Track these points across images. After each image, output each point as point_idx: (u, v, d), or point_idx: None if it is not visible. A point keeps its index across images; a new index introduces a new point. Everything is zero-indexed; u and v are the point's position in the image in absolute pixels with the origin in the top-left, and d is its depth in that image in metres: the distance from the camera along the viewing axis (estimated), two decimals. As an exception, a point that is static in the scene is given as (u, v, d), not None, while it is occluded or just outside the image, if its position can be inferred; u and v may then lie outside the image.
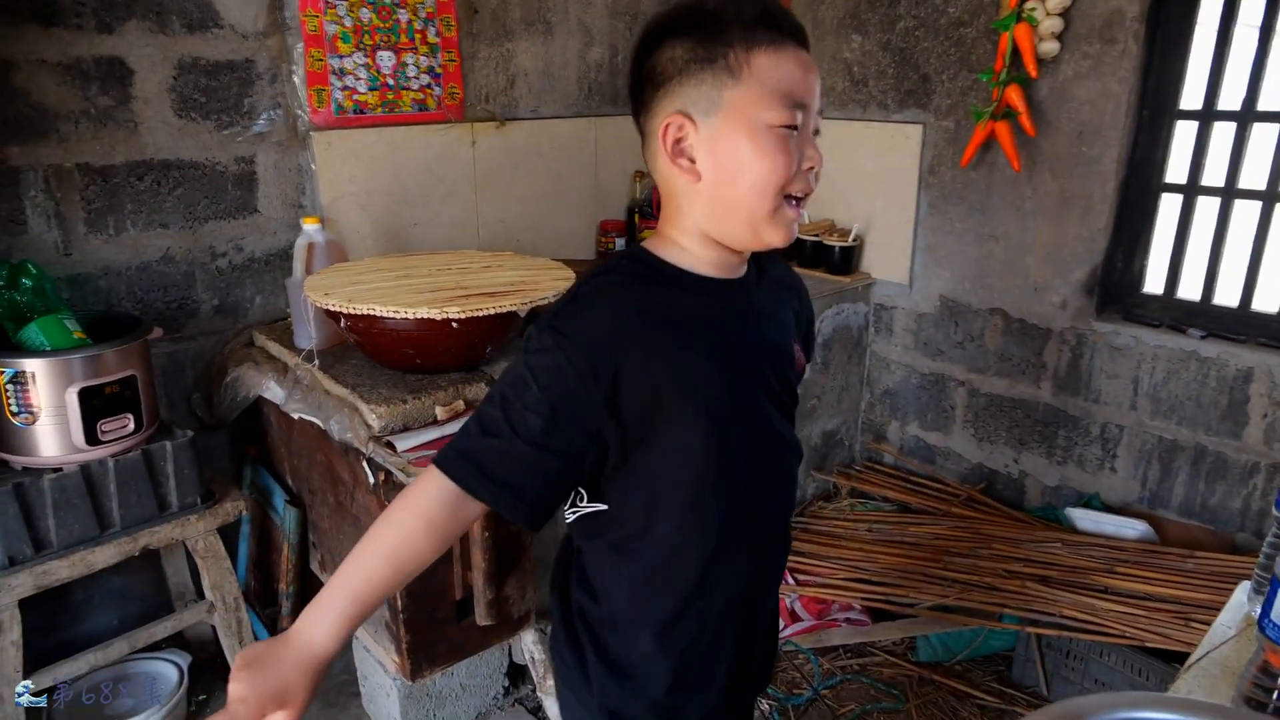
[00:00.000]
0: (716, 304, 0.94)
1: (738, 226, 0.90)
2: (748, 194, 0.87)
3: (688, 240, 0.93)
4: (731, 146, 0.86)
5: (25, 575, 1.67)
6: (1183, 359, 2.15)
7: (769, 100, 0.84)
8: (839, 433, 2.83)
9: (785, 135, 0.85)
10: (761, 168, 0.85)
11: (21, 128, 1.80)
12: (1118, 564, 2.10)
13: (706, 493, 0.93)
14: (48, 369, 1.66)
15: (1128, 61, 2.08)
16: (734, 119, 0.85)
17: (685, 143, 0.87)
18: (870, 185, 2.66)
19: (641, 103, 0.91)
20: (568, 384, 0.84)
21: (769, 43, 0.85)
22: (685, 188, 0.90)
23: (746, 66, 0.84)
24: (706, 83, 0.85)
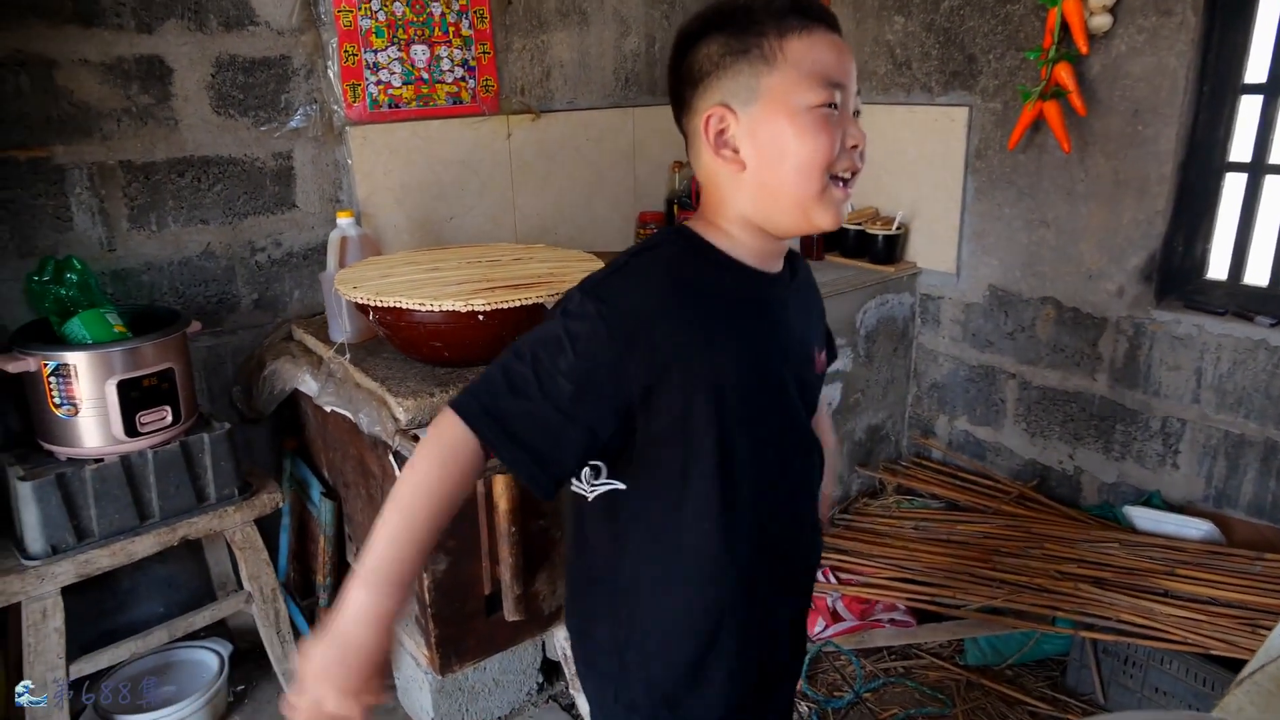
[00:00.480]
0: (755, 293, 0.95)
1: (785, 211, 0.90)
2: (793, 176, 0.88)
3: (733, 227, 0.93)
4: (773, 131, 0.87)
5: (68, 564, 1.71)
6: (1250, 349, 2.02)
7: (806, 83, 0.86)
8: (884, 427, 2.75)
9: (825, 115, 0.87)
10: (805, 149, 0.86)
11: (65, 126, 1.85)
12: (1179, 566, 1.98)
13: (733, 476, 0.92)
14: (88, 362, 1.70)
15: (1186, 34, 1.96)
16: (773, 105, 0.87)
17: (728, 133, 0.89)
18: (914, 171, 2.58)
19: (683, 104, 0.93)
20: (606, 354, 0.84)
21: (800, 28, 0.87)
22: (729, 178, 0.91)
23: (780, 53, 0.86)
24: (744, 73, 0.87)
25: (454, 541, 1.73)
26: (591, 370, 0.84)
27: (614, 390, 0.85)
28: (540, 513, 1.83)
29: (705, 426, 0.89)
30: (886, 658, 2.18)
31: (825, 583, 2.32)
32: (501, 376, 0.86)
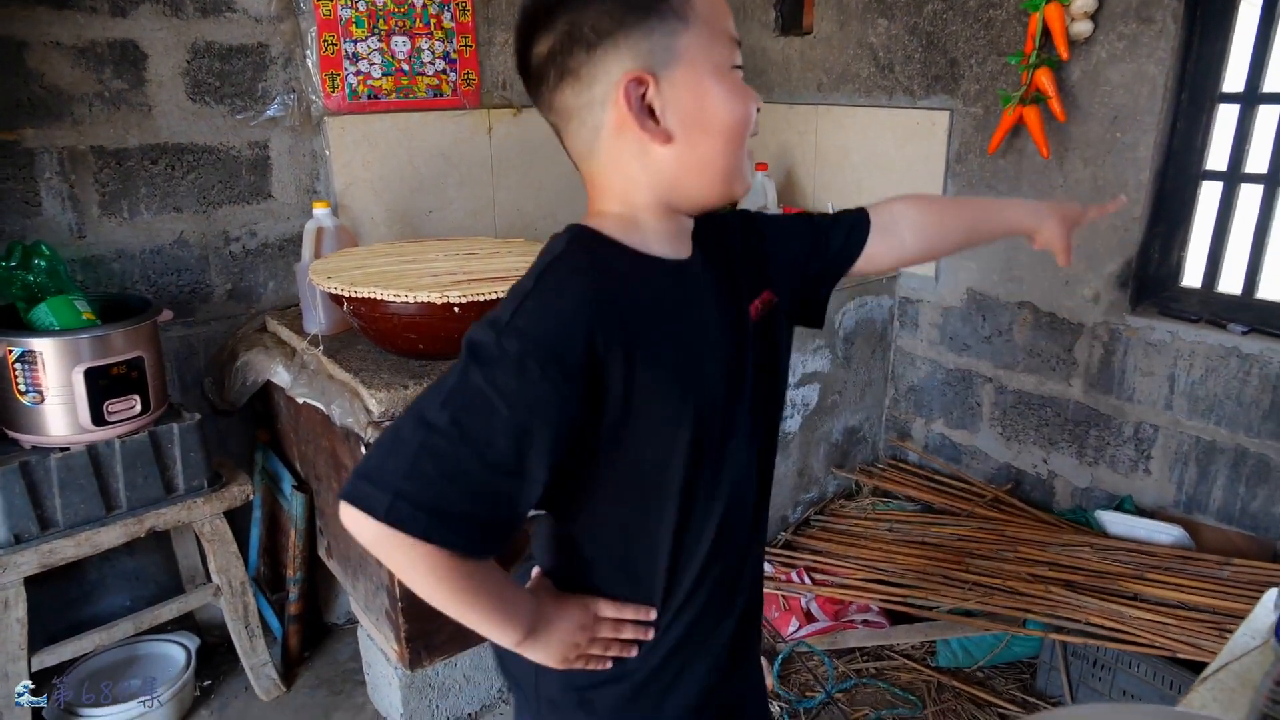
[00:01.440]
0: (677, 289, 0.84)
1: (709, 183, 0.81)
2: (724, 145, 0.79)
3: (641, 213, 0.83)
4: (699, 97, 0.77)
5: (31, 553, 1.68)
6: (1222, 356, 2.04)
7: (720, 39, 0.78)
8: (862, 429, 2.76)
9: (737, 75, 0.80)
10: (734, 114, 0.79)
11: (36, 109, 1.82)
12: (1149, 570, 2.00)
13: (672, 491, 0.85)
14: (55, 348, 1.67)
15: (1166, 42, 1.98)
16: (695, 66, 0.77)
17: (649, 101, 0.77)
18: (896, 174, 2.58)
19: (564, 70, 0.78)
20: (542, 395, 0.73)
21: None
22: (643, 154, 0.79)
23: (690, 8, 0.76)
24: (657, 31, 0.75)
25: (425, 536, 1.71)
26: (531, 420, 0.73)
27: (560, 426, 0.75)
28: (513, 509, 1.81)
29: (644, 444, 0.81)
30: (859, 659, 2.18)
31: (799, 583, 2.32)
32: (430, 463, 0.72)
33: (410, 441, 0.73)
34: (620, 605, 0.91)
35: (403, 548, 0.74)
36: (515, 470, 0.74)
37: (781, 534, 2.55)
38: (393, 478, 0.72)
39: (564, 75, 0.78)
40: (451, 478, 0.73)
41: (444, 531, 0.73)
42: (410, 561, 0.76)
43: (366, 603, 1.92)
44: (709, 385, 0.84)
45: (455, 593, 0.79)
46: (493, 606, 0.83)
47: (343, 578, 2.05)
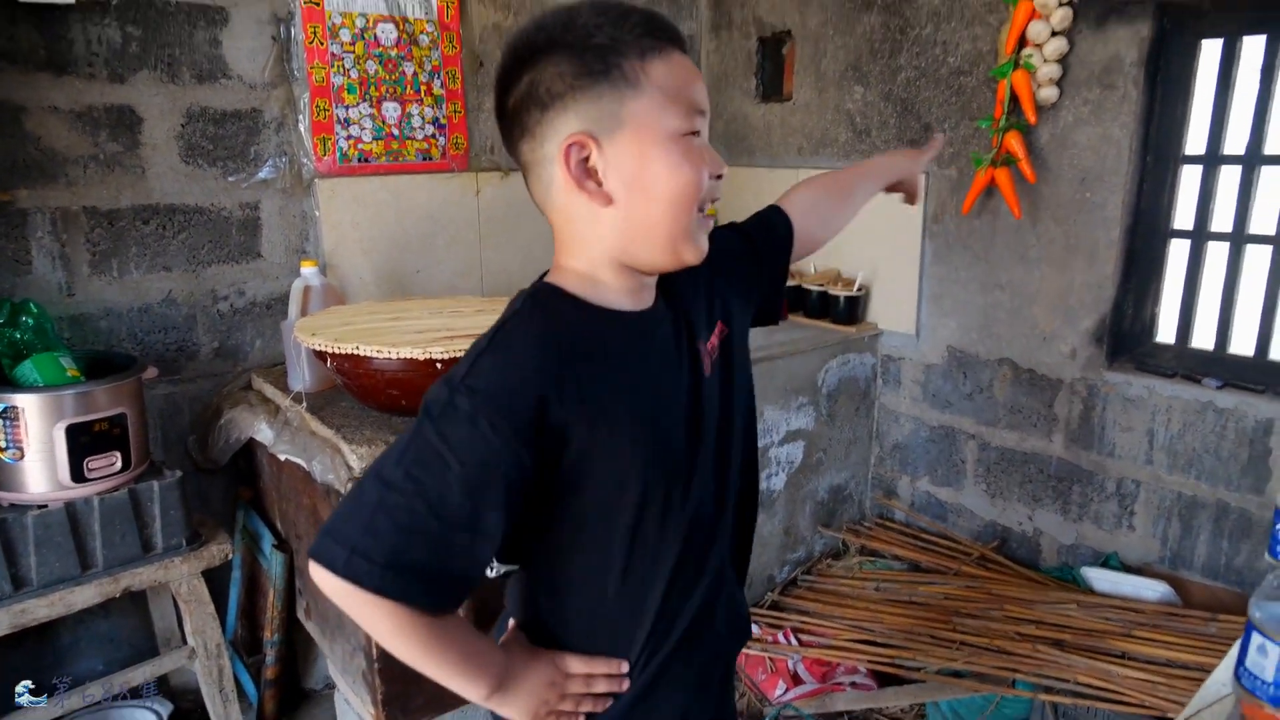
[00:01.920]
0: (636, 341, 0.87)
1: (655, 247, 0.83)
2: (667, 210, 0.81)
3: (598, 271, 0.85)
4: (642, 162, 0.80)
5: (2, 614, 1.65)
6: (1198, 410, 2.06)
7: (672, 108, 0.80)
8: (847, 487, 2.75)
9: (691, 142, 0.81)
10: (678, 180, 0.80)
11: (31, 171, 1.86)
12: (1136, 627, 1.98)
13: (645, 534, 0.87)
14: (38, 404, 1.67)
15: (1128, 107, 2.05)
16: (641, 132, 0.79)
17: (590, 163, 0.80)
18: (875, 235, 2.64)
19: (522, 128, 0.82)
20: (494, 451, 0.75)
21: (658, 50, 0.80)
22: (592, 214, 0.82)
23: (643, 75, 0.79)
24: (605, 97, 0.78)
25: (404, 594, 1.70)
26: (483, 475, 0.75)
27: (512, 481, 0.77)
28: (494, 566, 1.80)
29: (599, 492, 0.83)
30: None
31: (786, 644, 2.28)
32: (385, 518, 0.74)
33: (368, 498, 0.76)
34: (591, 660, 0.91)
35: (365, 603, 0.76)
36: (469, 525, 0.76)
37: (768, 594, 2.52)
38: (351, 533, 0.75)
39: (523, 131, 0.83)
40: (407, 532, 0.75)
41: (400, 586, 0.75)
42: (373, 616, 0.77)
43: (344, 665, 1.88)
44: (664, 433, 0.86)
45: (419, 646, 0.80)
46: (459, 661, 0.83)
47: (320, 639, 2.02)
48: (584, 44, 0.78)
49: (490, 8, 2.49)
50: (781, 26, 2.82)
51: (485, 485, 0.76)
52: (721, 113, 3.06)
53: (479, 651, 0.85)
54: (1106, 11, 2.06)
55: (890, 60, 2.51)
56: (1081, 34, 2.10)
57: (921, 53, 2.44)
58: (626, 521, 0.85)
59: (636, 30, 0.79)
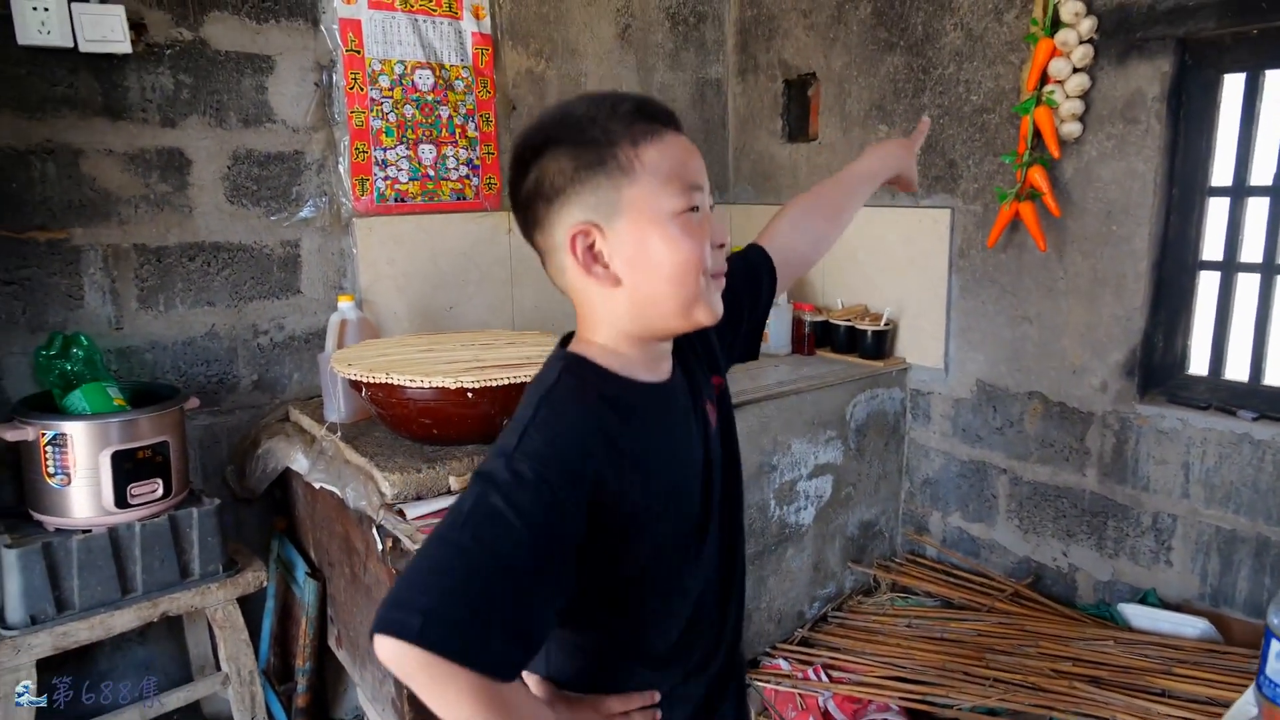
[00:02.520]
0: (659, 409, 0.92)
1: (667, 316, 0.88)
2: (670, 285, 0.86)
3: (619, 345, 0.90)
4: (642, 243, 0.85)
5: (45, 635, 1.70)
6: (1234, 442, 2.03)
7: (667, 189, 0.84)
8: (878, 523, 2.73)
9: (689, 218, 0.85)
10: (678, 256, 0.85)
11: (85, 210, 1.95)
12: (1176, 665, 1.93)
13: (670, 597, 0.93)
14: (85, 432, 1.74)
15: (1152, 141, 2.07)
16: (638, 216, 0.84)
17: (595, 249, 0.86)
18: (902, 270, 2.66)
19: (534, 220, 0.88)
20: (554, 513, 0.78)
21: (651, 133, 0.85)
22: (603, 294, 0.88)
23: (637, 161, 0.84)
24: (603, 186, 0.84)
25: (433, 620, 1.72)
26: (550, 536, 0.77)
27: (573, 539, 0.79)
28: (522, 594, 1.82)
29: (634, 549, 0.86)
30: (879, 761, 2.10)
31: (816, 681, 2.26)
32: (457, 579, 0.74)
33: (436, 563, 0.75)
34: (627, 698, 0.93)
35: (439, 673, 0.73)
36: (537, 587, 0.76)
37: (798, 630, 2.50)
38: (422, 599, 0.73)
39: (535, 222, 0.89)
40: (483, 595, 0.74)
41: (478, 650, 0.73)
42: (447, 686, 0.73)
43: (374, 692, 1.90)
44: (686, 493, 0.92)
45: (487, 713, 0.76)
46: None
47: (351, 667, 2.03)
48: (580, 138, 0.84)
49: (523, 55, 2.58)
50: (806, 69, 2.88)
51: (552, 546, 0.77)
52: (748, 153, 3.12)
53: (535, 713, 0.84)
54: (1127, 48, 2.08)
55: (914, 100, 2.56)
56: (1103, 70, 2.13)
57: (945, 91, 2.48)
58: (653, 577, 0.90)
59: (627, 118, 0.84)
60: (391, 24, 2.29)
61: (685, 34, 2.98)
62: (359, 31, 2.24)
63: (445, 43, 2.39)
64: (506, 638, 0.75)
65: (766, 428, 2.32)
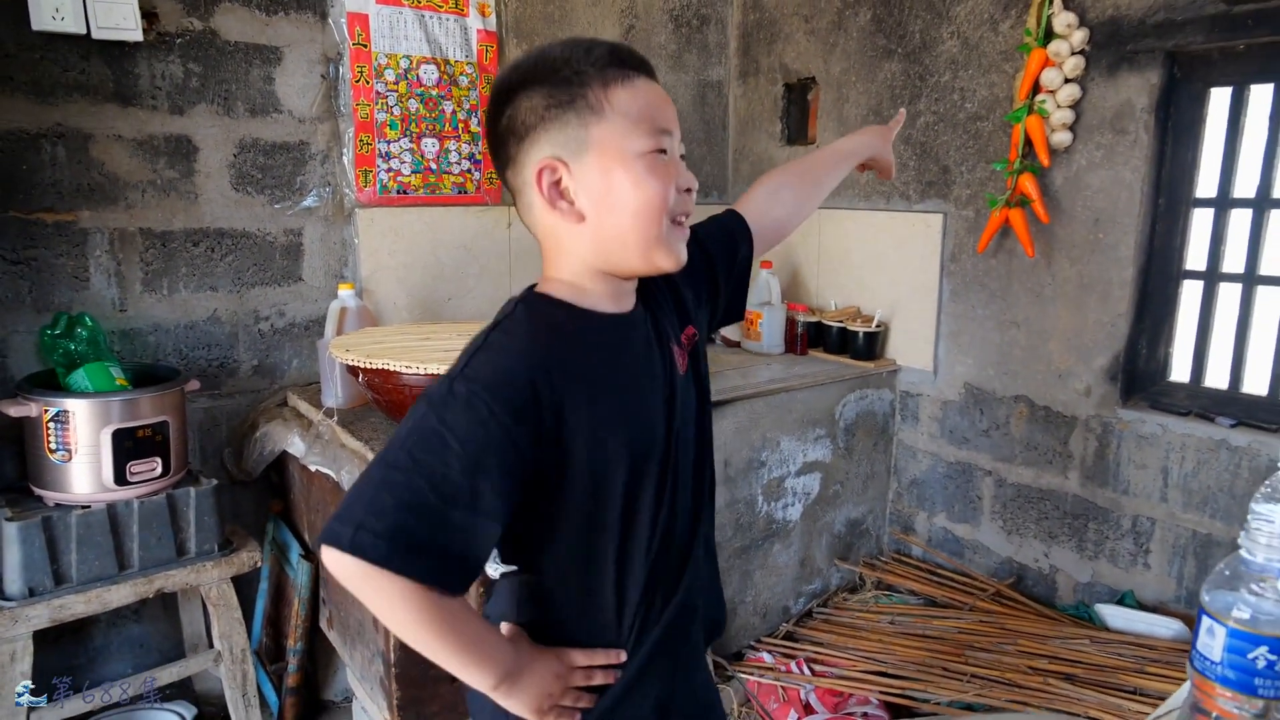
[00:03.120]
0: (615, 336, 0.95)
1: (629, 255, 0.91)
2: (633, 222, 0.89)
3: (580, 279, 0.93)
4: (608, 180, 0.88)
5: (42, 607, 1.74)
6: (1212, 448, 2.07)
7: (635, 129, 0.88)
8: (864, 522, 2.77)
9: (656, 159, 0.89)
10: (642, 194, 0.88)
11: (94, 194, 2.00)
12: (1149, 664, 1.97)
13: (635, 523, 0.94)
14: (87, 409, 1.78)
15: (1140, 151, 2.11)
16: (605, 153, 0.88)
17: (561, 185, 0.89)
18: (894, 273, 2.70)
19: (507, 158, 0.92)
20: (491, 435, 0.81)
21: (622, 78, 0.89)
22: (569, 230, 0.91)
23: (606, 102, 0.87)
24: (571, 124, 0.87)
25: (423, 601, 1.76)
26: (481, 455, 0.81)
27: (509, 464, 0.82)
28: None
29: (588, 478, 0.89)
30: (858, 753, 2.14)
31: (799, 674, 2.30)
32: (388, 496, 0.79)
33: (372, 480, 0.81)
34: (591, 652, 0.96)
35: (371, 577, 0.79)
36: (469, 504, 0.81)
37: (783, 625, 2.53)
38: (356, 512, 0.79)
39: (507, 160, 0.93)
40: (409, 508, 0.79)
41: (403, 559, 0.79)
42: (380, 592, 0.80)
43: (363, 671, 1.94)
44: (645, 423, 0.94)
45: (429, 627, 0.83)
46: (469, 647, 0.87)
47: (341, 647, 2.07)
48: (553, 79, 0.88)
49: (526, 51, 2.62)
50: (806, 73, 2.93)
51: (482, 465, 0.81)
52: (747, 154, 3.16)
53: (488, 641, 0.90)
54: (1118, 60, 2.13)
55: (910, 105, 2.60)
56: (1094, 81, 2.17)
57: (940, 99, 2.52)
58: (616, 511, 0.92)
59: (600, 61, 0.88)
60: (398, 19, 2.33)
61: (688, 36, 3.03)
62: (366, 25, 2.28)
63: (450, 39, 2.43)
64: (441, 550, 0.80)
65: (756, 424, 2.36)
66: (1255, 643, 0.71)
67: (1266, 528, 0.74)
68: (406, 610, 0.82)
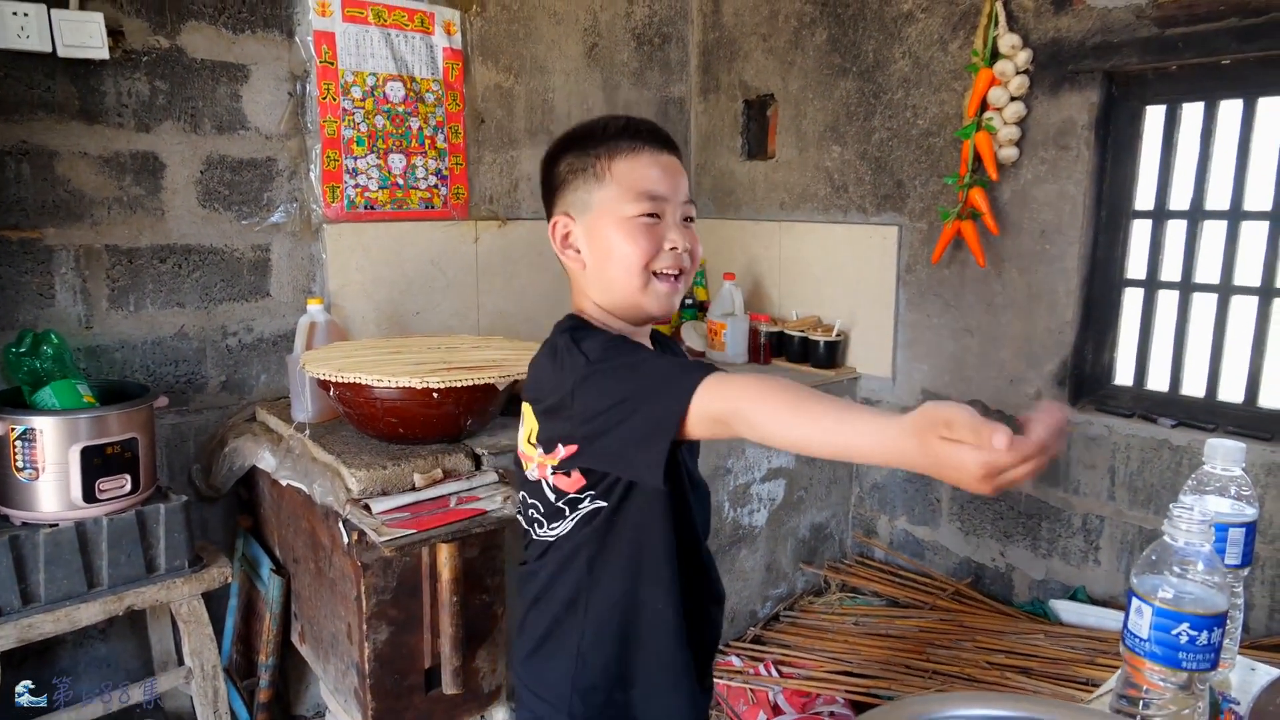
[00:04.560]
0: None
1: (620, 300, 1.08)
2: (619, 272, 1.06)
3: (595, 313, 1.12)
4: (602, 236, 1.06)
5: (10, 628, 1.72)
6: (1155, 448, 2.17)
7: (628, 196, 1.04)
8: (828, 526, 2.84)
9: (646, 223, 1.04)
10: (624, 250, 1.04)
11: (59, 211, 1.99)
12: (1100, 655, 2.06)
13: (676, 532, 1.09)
14: (55, 427, 1.77)
15: (1082, 166, 2.21)
16: (602, 214, 1.06)
17: (570, 236, 1.09)
18: (852, 284, 2.79)
19: (548, 206, 1.14)
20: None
21: (629, 150, 1.05)
22: (577, 273, 1.11)
23: (609, 171, 1.05)
24: (581, 188, 1.07)
25: (396, 611, 1.78)
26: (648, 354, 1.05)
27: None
28: (484, 587, 1.88)
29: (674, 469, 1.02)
30: (825, 751, 2.19)
31: (767, 676, 2.35)
32: (629, 410, 0.93)
33: (629, 407, 0.94)
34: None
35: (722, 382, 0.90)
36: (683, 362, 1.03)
37: (750, 629, 2.59)
38: (650, 413, 0.92)
39: (548, 207, 1.15)
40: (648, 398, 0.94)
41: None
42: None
43: (336, 684, 1.95)
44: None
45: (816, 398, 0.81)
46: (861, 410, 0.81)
47: (314, 661, 2.08)
48: (578, 146, 1.08)
49: (493, 70, 2.67)
50: (765, 90, 3.01)
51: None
52: (709, 170, 3.24)
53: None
54: (1060, 79, 2.23)
55: (865, 122, 2.69)
56: (1038, 99, 2.28)
57: (894, 115, 2.61)
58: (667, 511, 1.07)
59: (613, 135, 1.06)
60: (365, 37, 2.36)
61: (650, 54, 3.09)
62: (333, 43, 2.31)
63: (417, 56, 2.47)
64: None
65: (722, 432, 2.41)
66: (1178, 620, 0.78)
67: (1188, 515, 0.81)
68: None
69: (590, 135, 1.07)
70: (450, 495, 1.81)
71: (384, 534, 1.64)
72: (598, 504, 1.05)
